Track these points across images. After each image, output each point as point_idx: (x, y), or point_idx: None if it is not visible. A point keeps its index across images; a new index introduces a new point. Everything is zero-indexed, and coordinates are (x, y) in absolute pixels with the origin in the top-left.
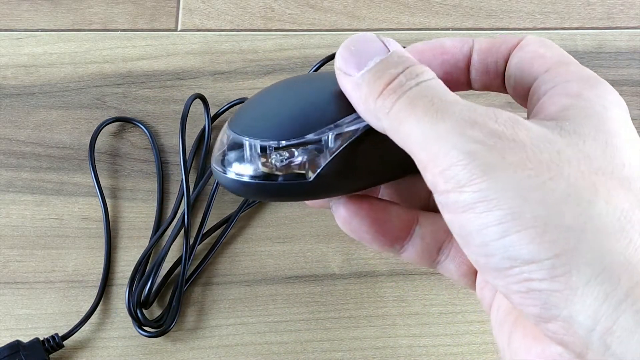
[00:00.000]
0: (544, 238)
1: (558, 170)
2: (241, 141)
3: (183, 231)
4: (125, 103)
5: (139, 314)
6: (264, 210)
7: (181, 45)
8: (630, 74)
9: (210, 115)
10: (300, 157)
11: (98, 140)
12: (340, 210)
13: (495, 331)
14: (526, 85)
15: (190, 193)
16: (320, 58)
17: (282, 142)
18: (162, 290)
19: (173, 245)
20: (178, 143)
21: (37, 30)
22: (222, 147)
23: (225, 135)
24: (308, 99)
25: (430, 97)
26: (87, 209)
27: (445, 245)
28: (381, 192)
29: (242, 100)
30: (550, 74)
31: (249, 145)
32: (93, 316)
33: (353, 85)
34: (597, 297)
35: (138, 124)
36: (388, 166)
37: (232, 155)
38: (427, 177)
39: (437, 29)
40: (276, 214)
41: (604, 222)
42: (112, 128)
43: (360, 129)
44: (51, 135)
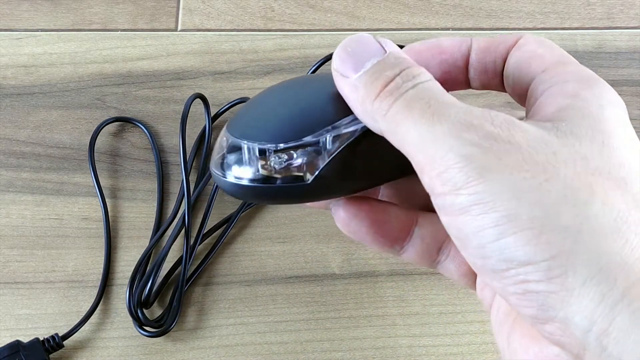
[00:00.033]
0: (540, 239)
1: (554, 172)
2: (239, 144)
3: (183, 231)
4: (125, 103)
5: (139, 314)
6: (264, 210)
7: (181, 45)
8: (630, 74)
9: (210, 115)
10: (298, 160)
11: (98, 140)
12: (339, 212)
13: (495, 331)
14: (524, 85)
15: (191, 193)
16: (320, 58)
17: (280, 145)
18: (163, 290)
19: (173, 246)
20: (178, 143)
21: (37, 30)
22: (220, 151)
23: (224, 138)
24: (306, 101)
25: (426, 100)
26: (87, 209)
27: (445, 246)
28: (381, 192)
29: (242, 100)
30: (547, 74)
31: (247, 148)
32: (93, 316)
33: (350, 87)
34: (593, 298)
35: (138, 124)
36: (386, 167)
37: (230, 158)
38: (424, 179)
39: (437, 29)
40: (276, 214)
41: (600, 222)
42: (112, 128)
43: (358, 130)
44: (51, 135)
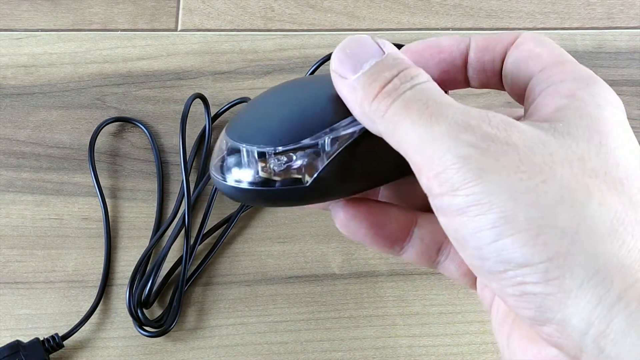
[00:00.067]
0: (537, 241)
1: (551, 173)
2: (238, 147)
3: (183, 231)
4: (125, 103)
5: (139, 314)
6: (264, 210)
7: (181, 45)
8: (630, 74)
9: (210, 115)
10: (297, 162)
11: (98, 140)
12: (339, 214)
13: (495, 331)
14: (522, 84)
15: (191, 193)
16: (320, 58)
17: (279, 148)
18: (163, 290)
19: (173, 246)
20: (178, 143)
21: (37, 30)
22: (219, 154)
23: (223, 141)
24: (304, 103)
25: (424, 100)
26: (87, 209)
27: (444, 246)
28: (380, 193)
29: (242, 100)
30: (545, 73)
31: (246, 151)
32: (93, 316)
33: (348, 88)
34: (591, 300)
35: (138, 124)
36: (385, 168)
37: (229, 161)
38: (422, 180)
39: (437, 29)
40: (276, 214)
41: (597, 224)
42: (112, 128)
43: (356, 132)
44: (51, 135)
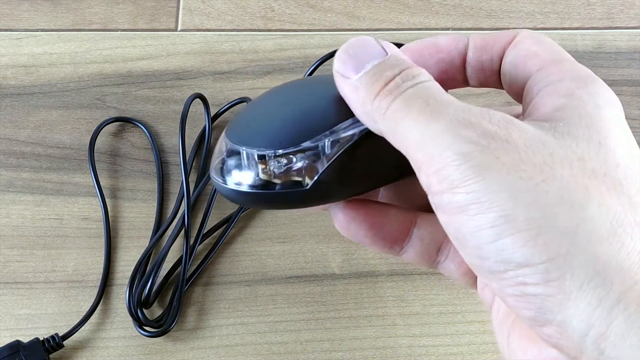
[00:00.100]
0: (537, 241)
1: (551, 173)
2: (238, 150)
3: (183, 231)
4: (125, 103)
5: (139, 314)
6: (264, 210)
7: (181, 45)
8: (630, 74)
9: (210, 115)
10: (297, 165)
11: (98, 140)
12: (338, 215)
13: (496, 331)
14: (520, 83)
15: (191, 193)
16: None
17: (279, 151)
18: (163, 290)
19: (173, 246)
20: (178, 143)
21: (37, 30)
22: (219, 157)
23: (223, 144)
24: (304, 105)
25: (425, 98)
26: (87, 209)
27: (444, 246)
28: (380, 193)
29: (242, 100)
30: (543, 73)
31: (246, 154)
32: (93, 316)
33: (351, 87)
34: (591, 302)
35: (138, 124)
36: (385, 170)
37: (229, 164)
38: (422, 177)
39: (437, 29)
40: (276, 214)
41: (596, 225)
42: (112, 128)
43: (356, 134)
44: (51, 135)
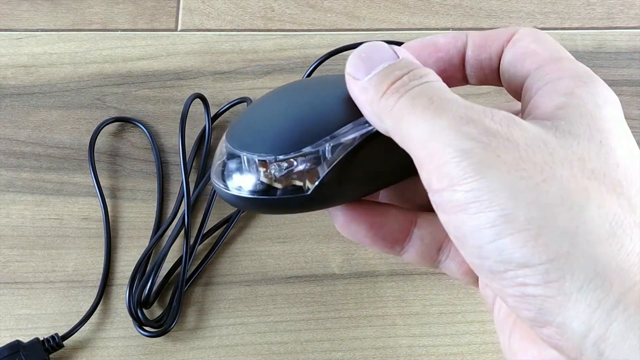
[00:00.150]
0: (537, 242)
1: (551, 172)
2: (239, 155)
3: (183, 231)
4: (125, 103)
5: (139, 314)
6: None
7: (181, 45)
8: (630, 74)
9: (210, 115)
10: (298, 171)
11: (98, 140)
12: (338, 216)
13: (498, 331)
14: (519, 82)
15: (191, 193)
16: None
17: (280, 156)
18: (163, 290)
19: (173, 246)
20: (178, 143)
21: (37, 30)
22: (220, 161)
23: (223, 148)
24: (305, 109)
25: (430, 96)
26: (87, 209)
27: (445, 245)
28: (380, 194)
29: (242, 100)
30: (541, 71)
31: (246, 159)
32: (93, 316)
33: (360, 89)
34: (590, 303)
35: (138, 124)
36: (386, 172)
37: (230, 169)
38: (423, 175)
39: (437, 29)
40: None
41: (596, 226)
42: (112, 128)
43: (357, 137)
44: (51, 135)
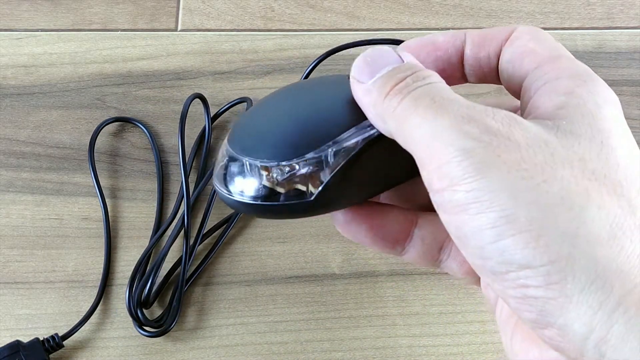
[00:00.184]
0: (538, 243)
1: (552, 173)
2: (241, 161)
3: (183, 231)
4: (125, 103)
5: (139, 314)
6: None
7: (181, 45)
8: (630, 74)
9: (210, 115)
10: (300, 176)
11: (98, 140)
12: (339, 216)
13: (500, 331)
14: (518, 81)
15: (191, 194)
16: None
17: (283, 162)
18: (163, 290)
19: (173, 246)
20: (178, 143)
21: (37, 30)
22: (222, 165)
23: (225, 153)
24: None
25: (432, 96)
26: (87, 209)
27: (446, 245)
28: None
29: (242, 100)
30: (540, 70)
31: (249, 165)
32: (93, 316)
33: (364, 91)
34: (592, 305)
35: (138, 124)
36: (388, 175)
37: (232, 174)
38: (424, 175)
39: (437, 29)
40: None
41: (596, 228)
42: (112, 128)
43: (360, 142)
44: (51, 135)
